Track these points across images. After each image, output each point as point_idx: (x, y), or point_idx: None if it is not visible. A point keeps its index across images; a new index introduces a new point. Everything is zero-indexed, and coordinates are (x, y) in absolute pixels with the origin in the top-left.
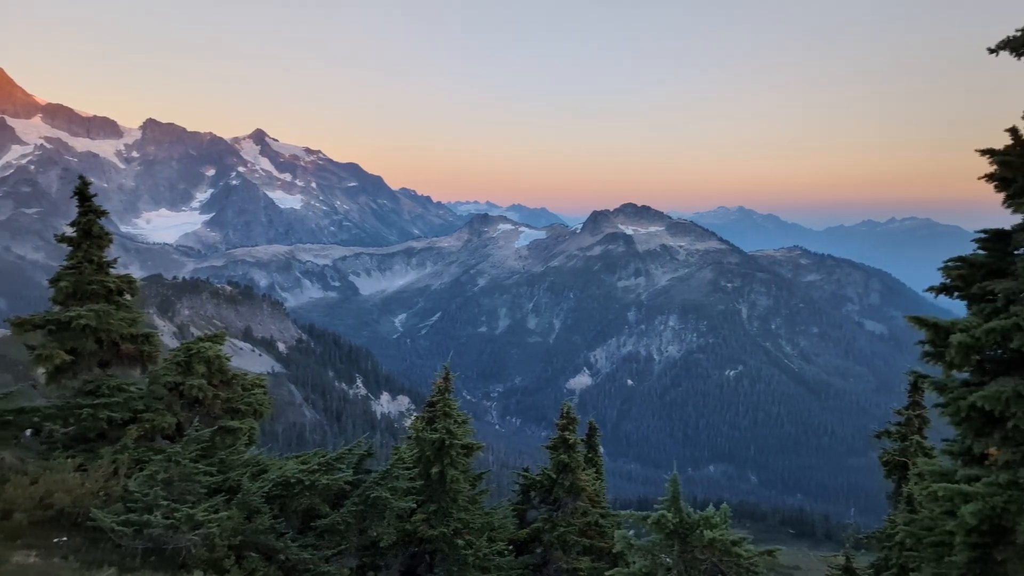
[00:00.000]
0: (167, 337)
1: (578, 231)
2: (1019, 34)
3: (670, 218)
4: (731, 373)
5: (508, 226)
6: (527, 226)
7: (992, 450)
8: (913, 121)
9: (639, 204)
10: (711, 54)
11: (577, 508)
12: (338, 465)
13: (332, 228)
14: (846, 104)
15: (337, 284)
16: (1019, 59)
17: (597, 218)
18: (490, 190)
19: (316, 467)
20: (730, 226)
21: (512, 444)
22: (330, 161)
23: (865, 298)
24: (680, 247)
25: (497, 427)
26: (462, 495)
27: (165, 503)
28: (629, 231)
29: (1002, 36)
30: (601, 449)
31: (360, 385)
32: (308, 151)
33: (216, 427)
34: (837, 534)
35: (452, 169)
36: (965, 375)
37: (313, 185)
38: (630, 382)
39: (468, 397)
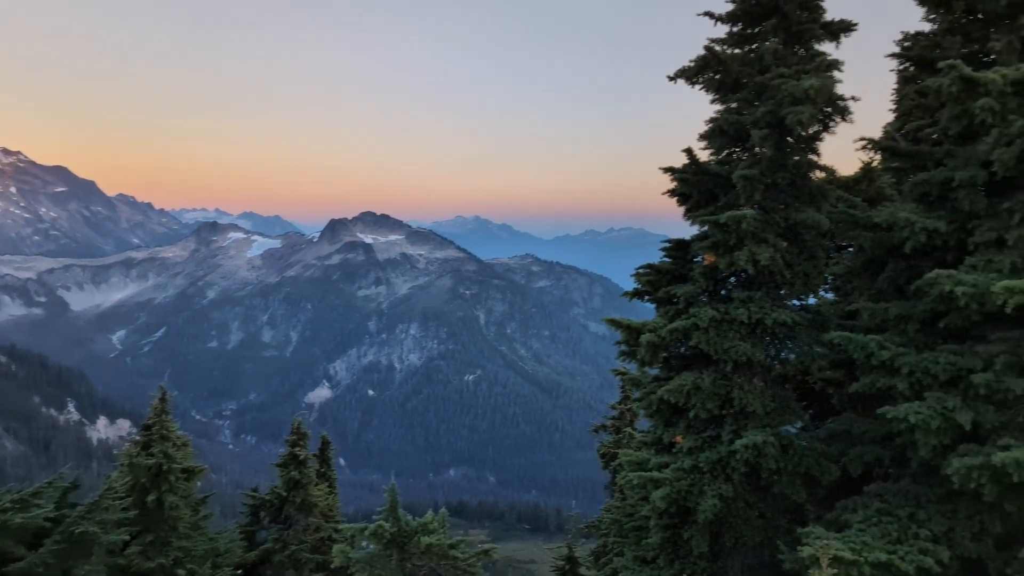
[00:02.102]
0: None
1: (315, 240)
2: (692, 64)
3: (410, 227)
4: (470, 378)
5: (239, 235)
6: (260, 234)
7: (678, 438)
8: (630, 138)
9: (378, 213)
10: (436, 72)
11: (309, 524)
12: (35, 501)
13: (36, 238)
14: (573, 121)
15: (43, 299)
16: (693, 87)
17: (335, 226)
18: (219, 197)
19: (8, 505)
20: (467, 235)
21: (248, 463)
22: (33, 163)
23: (589, 302)
24: (420, 255)
25: (231, 446)
26: (183, 522)
27: None
28: (369, 240)
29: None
30: (342, 461)
31: (73, 410)
32: (6, 152)
33: None
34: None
35: (176, 174)
36: (656, 371)
37: (12, 190)
38: (371, 392)
39: (198, 417)
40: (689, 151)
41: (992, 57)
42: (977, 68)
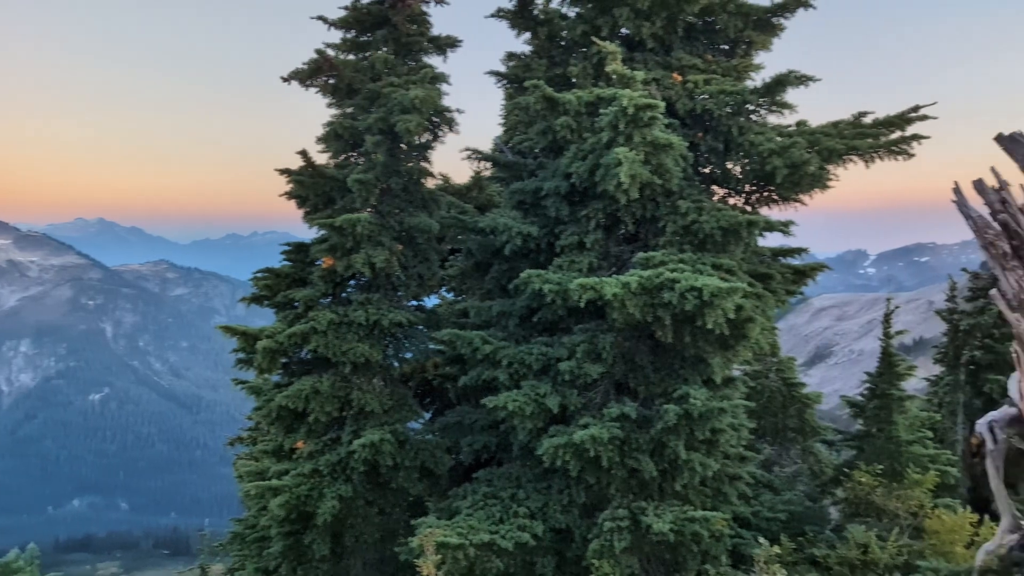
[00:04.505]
0: None
1: None
2: (305, 67)
3: (18, 230)
4: (96, 397)
5: None
6: None
7: (299, 443)
8: (277, 137)
9: None
10: (48, 49)
11: None
12: None
13: None
14: (215, 117)
15: None
16: (307, 90)
17: None
18: None
19: None
20: (90, 239)
21: None
22: None
23: (232, 309)
24: (32, 263)
25: None
26: None
27: None
28: None
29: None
30: None
31: None
32: None
33: None
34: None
35: None
36: (278, 377)
37: None
38: None
39: None
40: (304, 153)
41: (573, 80)
42: (560, 89)
